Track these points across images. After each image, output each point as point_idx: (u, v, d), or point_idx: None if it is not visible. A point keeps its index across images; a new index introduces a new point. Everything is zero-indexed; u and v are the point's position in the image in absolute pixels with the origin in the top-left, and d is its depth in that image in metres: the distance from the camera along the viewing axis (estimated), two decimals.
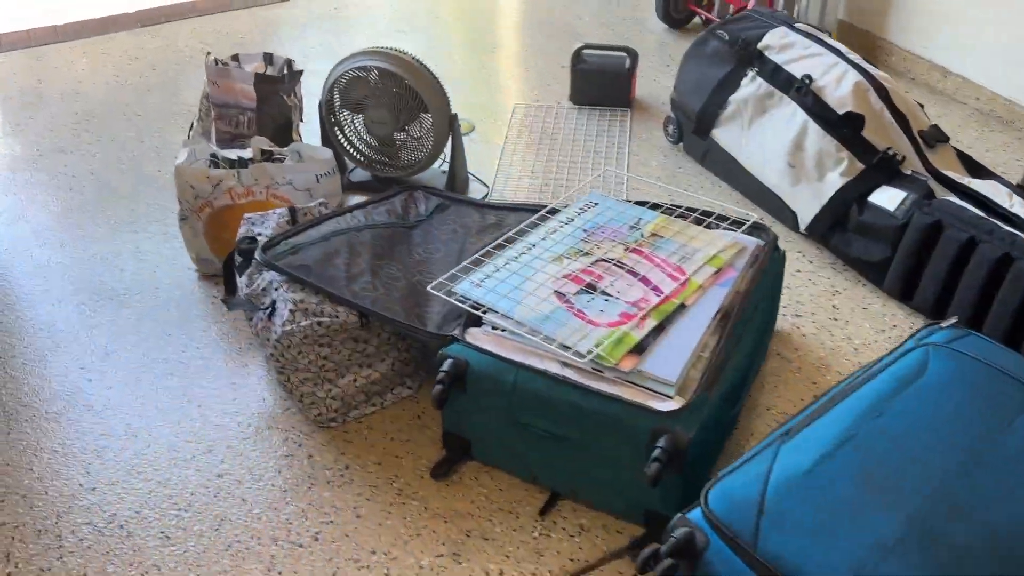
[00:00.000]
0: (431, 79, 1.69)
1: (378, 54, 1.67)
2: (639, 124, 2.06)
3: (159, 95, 2.20)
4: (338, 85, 1.71)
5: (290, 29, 2.54)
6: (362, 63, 1.67)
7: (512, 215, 1.54)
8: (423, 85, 1.67)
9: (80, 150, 1.98)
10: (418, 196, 1.61)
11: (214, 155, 1.59)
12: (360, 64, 1.67)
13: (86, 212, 1.77)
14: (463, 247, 1.43)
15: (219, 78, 1.71)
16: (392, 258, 1.38)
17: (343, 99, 1.73)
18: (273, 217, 1.38)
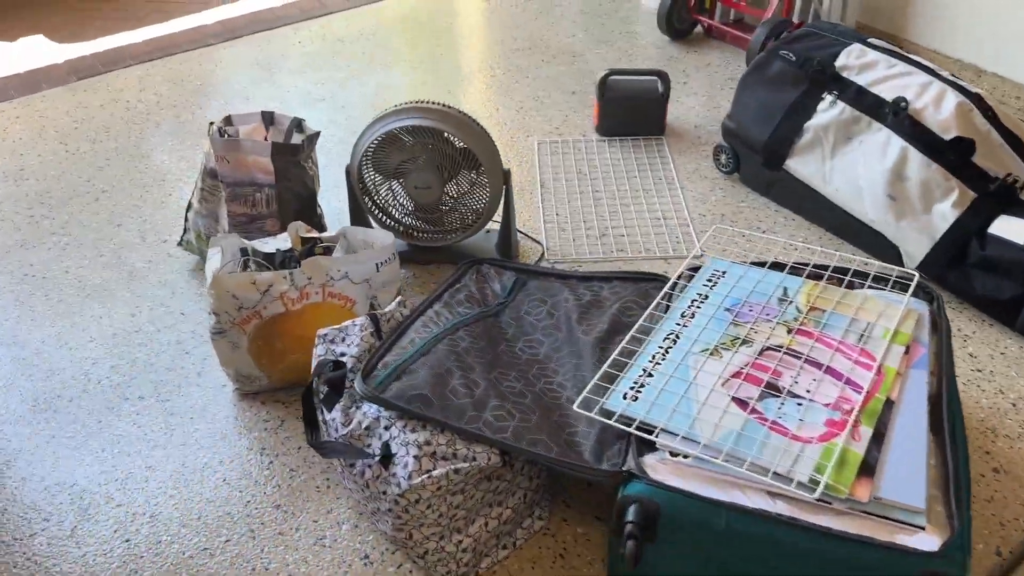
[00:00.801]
0: (479, 131, 1.46)
1: (414, 111, 1.43)
2: (678, 153, 1.88)
3: (122, 164, 1.89)
4: (370, 151, 1.46)
5: (253, 71, 2.25)
6: (397, 124, 1.43)
7: (607, 287, 1.33)
8: (472, 139, 1.44)
9: (45, 243, 1.66)
10: (487, 272, 1.38)
11: (244, 250, 1.32)
12: (395, 125, 1.43)
13: (74, 324, 1.47)
14: (571, 337, 1.21)
15: (228, 152, 1.44)
16: (503, 364, 1.15)
17: (377, 166, 1.48)
18: (354, 331, 1.13)
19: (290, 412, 1.30)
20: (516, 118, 2.02)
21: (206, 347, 1.42)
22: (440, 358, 1.10)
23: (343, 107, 2.09)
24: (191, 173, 1.85)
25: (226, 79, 2.21)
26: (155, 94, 2.15)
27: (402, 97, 2.12)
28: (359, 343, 1.12)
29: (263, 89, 2.17)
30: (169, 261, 1.61)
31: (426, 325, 1.17)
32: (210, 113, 2.06)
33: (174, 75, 2.24)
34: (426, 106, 1.44)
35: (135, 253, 1.63)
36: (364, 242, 1.35)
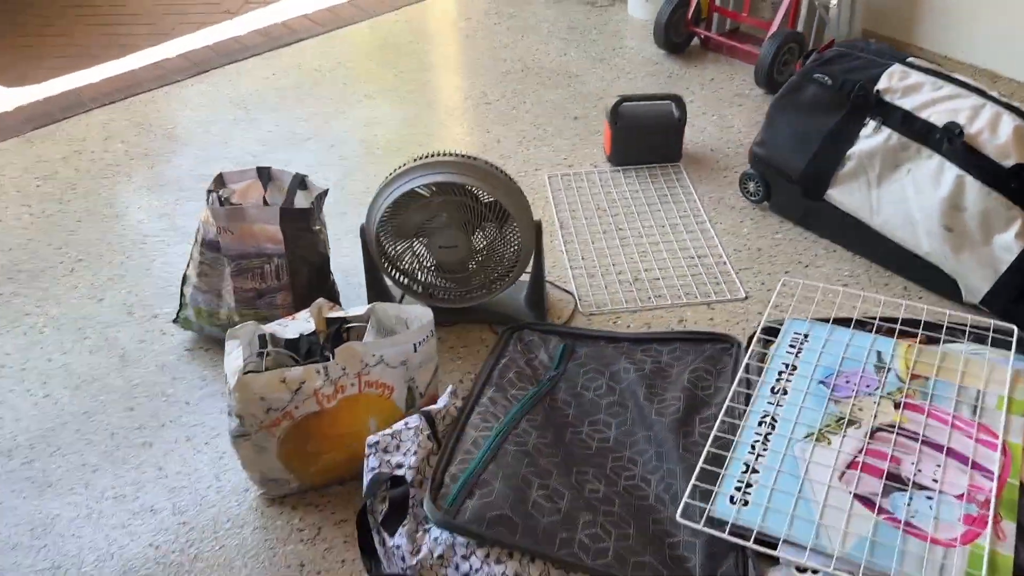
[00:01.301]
0: (506, 180, 1.33)
1: (435, 165, 1.30)
2: (699, 181, 1.77)
3: (95, 226, 1.71)
4: (388, 212, 1.31)
5: (227, 111, 2.08)
6: (418, 181, 1.29)
7: (666, 352, 1.22)
8: (500, 191, 1.31)
9: (20, 326, 1.48)
10: (530, 340, 1.26)
11: (263, 338, 1.17)
12: (417, 183, 1.29)
13: (64, 424, 1.30)
14: (642, 418, 1.09)
15: (231, 223, 1.28)
16: (576, 458, 1.03)
17: (397, 227, 1.34)
18: (408, 435, 1.00)
19: (325, 517, 1.16)
20: (520, 150, 1.89)
21: (219, 443, 1.27)
22: (512, 464, 0.97)
23: (332, 146, 1.93)
24: (173, 233, 1.69)
25: (199, 121, 2.04)
26: (122, 142, 1.97)
27: (394, 132, 1.98)
28: (416, 450, 0.98)
29: (241, 130, 2.00)
30: (163, 340, 1.45)
31: (484, 419, 1.04)
32: (185, 161, 1.89)
33: (140, 119, 2.05)
34: (446, 159, 1.30)
35: (124, 332, 1.46)
36: (397, 318, 1.21)
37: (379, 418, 1.15)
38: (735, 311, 1.45)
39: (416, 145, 1.92)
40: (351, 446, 1.15)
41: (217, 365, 1.39)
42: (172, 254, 1.63)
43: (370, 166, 1.86)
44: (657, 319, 1.44)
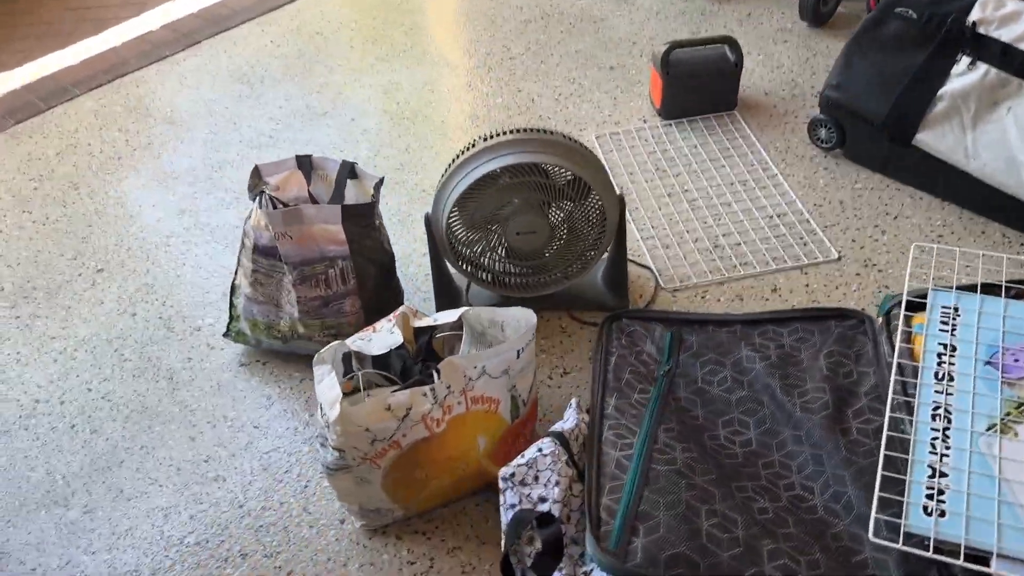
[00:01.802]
0: (584, 152, 1.19)
1: (504, 145, 1.16)
2: (760, 130, 1.65)
3: (108, 230, 1.56)
4: (458, 201, 1.18)
5: (229, 87, 1.90)
6: (489, 166, 1.15)
7: (786, 333, 1.11)
8: (580, 165, 1.18)
9: (47, 353, 1.34)
10: (632, 330, 1.14)
11: (347, 356, 1.05)
12: (487, 168, 1.15)
13: (123, 464, 1.18)
14: (784, 415, 0.99)
15: (290, 226, 1.14)
16: (728, 472, 0.93)
17: (469, 219, 1.21)
18: (544, 463, 0.89)
19: (435, 546, 1.06)
20: (559, 110, 1.75)
21: (301, 469, 1.15)
22: (669, 488, 0.86)
23: (353, 119, 1.78)
24: (198, 232, 1.53)
25: (199, 100, 1.86)
26: (119, 131, 1.79)
27: (418, 98, 1.82)
28: (558, 480, 0.87)
29: (248, 107, 1.83)
30: (213, 356, 1.31)
31: (619, 434, 0.93)
32: (194, 148, 1.73)
33: (134, 103, 1.87)
34: (515, 137, 1.16)
35: (166, 350, 1.33)
36: (491, 322, 1.09)
37: (487, 435, 1.04)
38: (831, 274, 1.35)
39: (445, 111, 1.77)
40: (459, 468, 1.04)
41: (280, 380, 1.27)
42: (201, 255, 1.49)
43: (399, 139, 1.71)
44: (748, 290, 1.33)
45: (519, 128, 1.18)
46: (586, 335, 1.29)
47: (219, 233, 1.53)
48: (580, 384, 1.22)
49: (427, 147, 1.68)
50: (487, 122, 1.73)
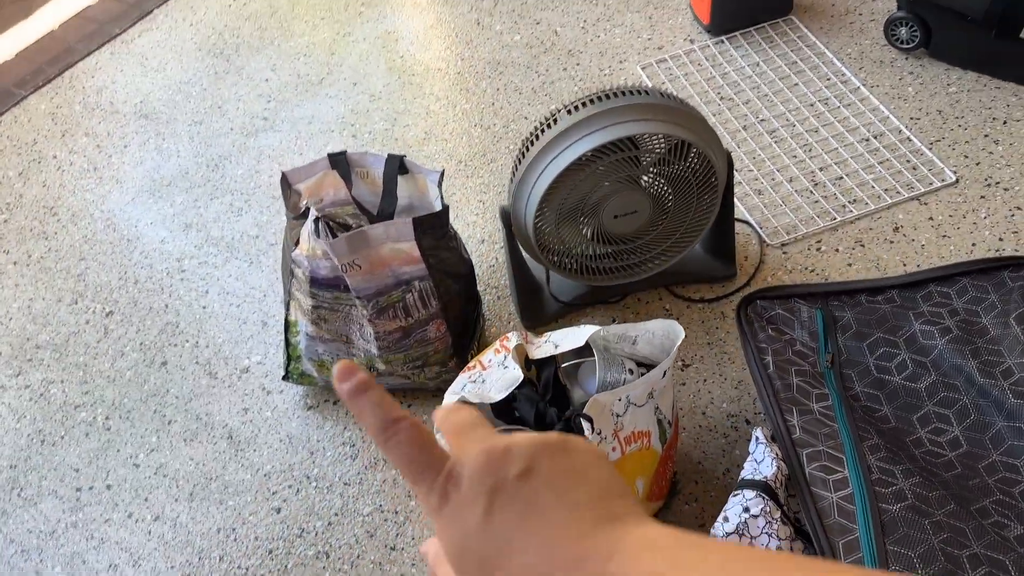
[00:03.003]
0: (687, 111, 1.00)
1: (592, 120, 0.96)
2: (826, 36, 1.45)
3: (108, 260, 1.34)
4: (546, 195, 0.98)
5: (200, 60, 1.64)
6: (583, 147, 0.95)
7: (954, 293, 0.96)
8: (686, 126, 0.98)
9: (80, 426, 1.14)
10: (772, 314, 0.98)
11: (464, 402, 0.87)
12: (582, 150, 0.96)
13: (222, 559, 1.00)
14: (992, 401, 0.85)
15: (357, 253, 0.94)
16: (951, 493, 0.78)
17: (560, 212, 1.01)
18: (757, 525, 0.73)
19: None
20: (589, 40, 1.53)
21: (414, 529, 0.99)
22: (913, 536, 0.72)
23: (355, 84, 1.54)
24: (212, 249, 1.32)
25: (170, 85, 1.61)
26: (87, 135, 1.54)
27: (424, 48, 1.58)
28: (778, 544, 0.72)
29: (230, 85, 1.58)
30: (271, 402, 1.13)
31: (824, 467, 0.78)
32: (180, 145, 1.49)
33: (95, 98, 1.61)
34: (598, 108, 0.96)
35: (216, 403, 1.14)
36: (621, 337, 0.91)
37: (644, 475, 0.89)
38: (953, 201, 1.19)
39: (458, 58, 1.54)
40: None
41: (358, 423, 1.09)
42: (225, 278, 1.28)
43: (416, 101, 1.48)
44: (866, 233, 1.17)
45: (590, 96, 0.98)
46: (695, 315, 1.13)
47: (238, 247, 1.32)
48: (707, 377, 1.06)
49: (450, 106, 1.46)
50: (510, 66, 1.51)
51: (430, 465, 0.33)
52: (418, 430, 0.34)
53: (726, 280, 1.16)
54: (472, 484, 0.32)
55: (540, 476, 0.32)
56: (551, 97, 1.44)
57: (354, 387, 0.35)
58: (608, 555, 0.30)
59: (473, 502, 0.32)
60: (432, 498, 0.33)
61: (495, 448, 0.33)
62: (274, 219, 1.35)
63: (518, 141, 1.38)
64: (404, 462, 0.33)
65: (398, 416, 0.34)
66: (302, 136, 1.46)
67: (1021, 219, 1.15)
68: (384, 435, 0.34)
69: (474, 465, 0.32)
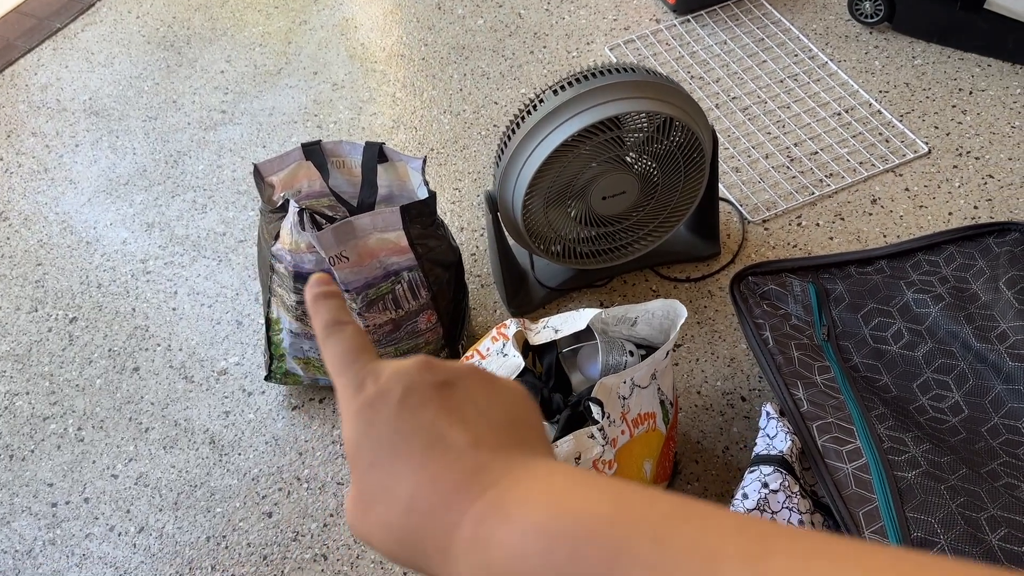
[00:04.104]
0: (670, 86, 0.99)
1: (582, 98, 0.94)
2: (791, 12, 1.46)
3: (64, 265, 1.27)
4: (533, 182, 0.96)
5: (150, 54, 1.58)
6: (571, 128, 0.94)
7: (942, 261, 0.97)
8: (672, 103, 0.97)
9: (50, 437, 1.09)
10: (765, 289, 0.98)
11: None
12: (570, 131, 0.94)
13: (215, 569, 0.96)
14: (990, 365, 0.86)
15: (343, 244, 0.91)
16: (961, 457, 0.79)
17: (548, 196, 0.99)
18: (779, 501, 0.73)
19: None
20: (555, 22, 1.51)
21: None
22: (932, 501, 0.72)
23: (316, 73, 1.50)
24: (178, 247, 1.27)
25: (120, 80, 1.54)
26: (34, 135, 1.47)
27: (385, 34, 1.55)
28: (800, 518, 0.72)
29: (183, 79, 1.52)
30: (253, 404, 1.09)
31: (836, 439, 0.78)
32: (136, 142, 1.43)
33: (40, 96, 1.53)
34: (579, 90, 0.94)
35: (195, 408, 1.09)
36: (621, 319, 0.90)
37: (651, 457, 0.88)
38: (927, 172, 1.20)
39: (421, 44, 1.51)
40: None
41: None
42: (194, 277, 1.23)
43: (382, 88, 1.45)
44: (845, 206, 1.18)
45: (576, 76, 0.96)
46: (682, 295, 1.12)
47: (205, 245, 1.27)
48: (699, 357, 1.06)
49: (417, 93, 1.43)
50: (475, 50, 1.48)
51: (358, 360, 0.33)
52: (360, 335, 0.34)
53: (711, 259, 1.16)
54: (391, 378, 0.31)
55: (462, 391, 0.32)
56: (520, 81, 1.42)
57: (321, 292, 0.35)
58: (498, 478, 0.28)
59: (387, 393, 0.31)
60: (350, 388, 0.32)
61: (426, 357, 0.33)
62: (241, 215, 1.30)
63: (490, 127, 1.36)
64: (336, 355, 0.33)
65: (347, 320, 0.34)
66: (264, 128, 1.42)
67: (993, 186, 1.17)
68: (328, 330, 0.34)
69: (400, 364, 0.32)
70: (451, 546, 0.28)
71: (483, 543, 0.27)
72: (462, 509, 0.28)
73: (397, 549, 0.30)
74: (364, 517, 0.30)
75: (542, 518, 0.26)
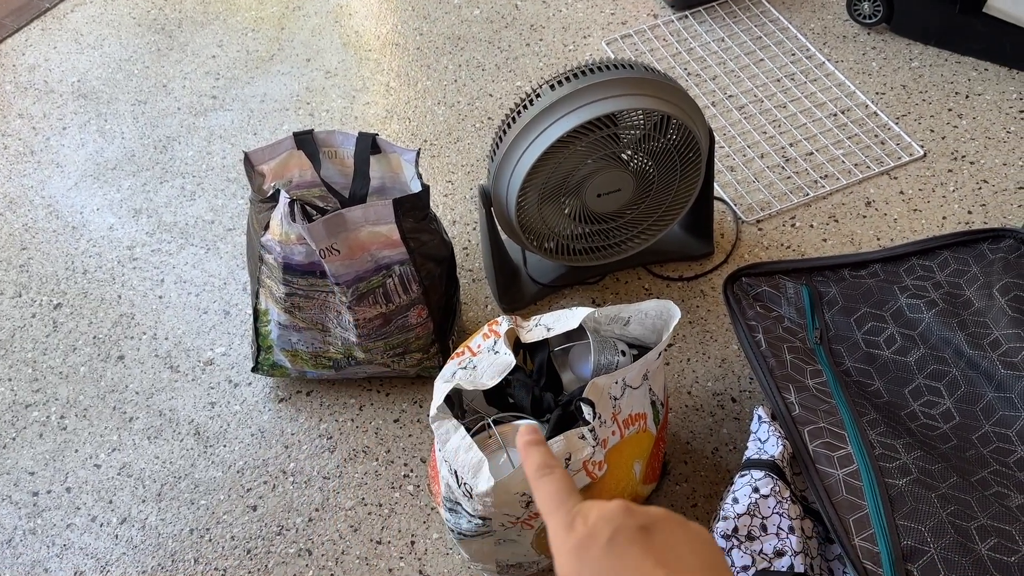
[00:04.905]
0: (669, 85, 0.98)
1: (578, 94, 0.93)
2: (788, 11, 1.45)
3: (49, 250, 1.26)
4: (530, 175, 0.95)
5: (136, 39, 1.56)
6: (568, 124, 0.93)
7: (936, 266, 0.97)
8: (668, 100, 0.96)
9: (33, 425, 1.07)
10: (758, 291, 0.98)
11: (451, 399, 0.85)
12: (566, 126, 0.93)
13: (197, 561, 0.95)
14: (982, 372, 0.86)
15: (334, 237, 0.90)
16: (952, 465, 0.79)
17: (543, 192, 0.98)
18: (768, 506, 0.72)
19: None
20: (551, 14, 1.50)
21: (400, 522, 0.96)
22: (922, 509, 0.72)
23: (309, 60, 1.48)
24: (165, 235, 1.25)
25: (111, 63, 1.52)
26: (21, 116, 1.44)
27: (380, 22, 1.53)
28: (790, 524, 0.71)
29: (174, 63, 1.50)
30: (240, 395, 1.08)
31: (827, 444, 0.78)
32: (124, 126, 1.41)
33: (27, 77, 1.51)
34: (593, 80, 0.93)
35: (180, 398, 1.08)
36: (613, 319, 0.90)
37: (641, 458, 0.87)
38: (922, 175, 1.20)
39: (416, 33, 1.50)
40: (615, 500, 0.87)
41: (335, 412, 1.05)
42: (181, 265, 1.22)
43: (375, 77, 1.43)
44: (839, 208, 1.18)
45: (573, 71, 0.95)
46: (675, 294, 1.12)
47: (193, 233, 1.25)
48: (690, 356, 1.05)
49: (411, 83, 1.42)
50: (471, 41, 1.47)
51: (567, 502, 0.38)
52: (568, 479, 0.40)
53: (704, 258, 1.15)
54: (599, 520, 0.37)
55: (660, 535, 0.36)
56: (515, 74, 1.41)
57: (532, 439, 0.42)
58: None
59: (596, 535, 0.36)
60: (561, 528, 0.37)
61: (626, 502, 0.37)
62: (230, 203, 1.29)
63: (484, 119, 1.35)
64: (546, 496, 0.39)
65: (556, 464, 0.41)
66: (255, 115, 1.40)
67: (988, 192, 1.17)
68: (540, 471, 0.40)
69: (604, 507, 0.37)
70: None
71: None
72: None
73: None
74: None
75: None
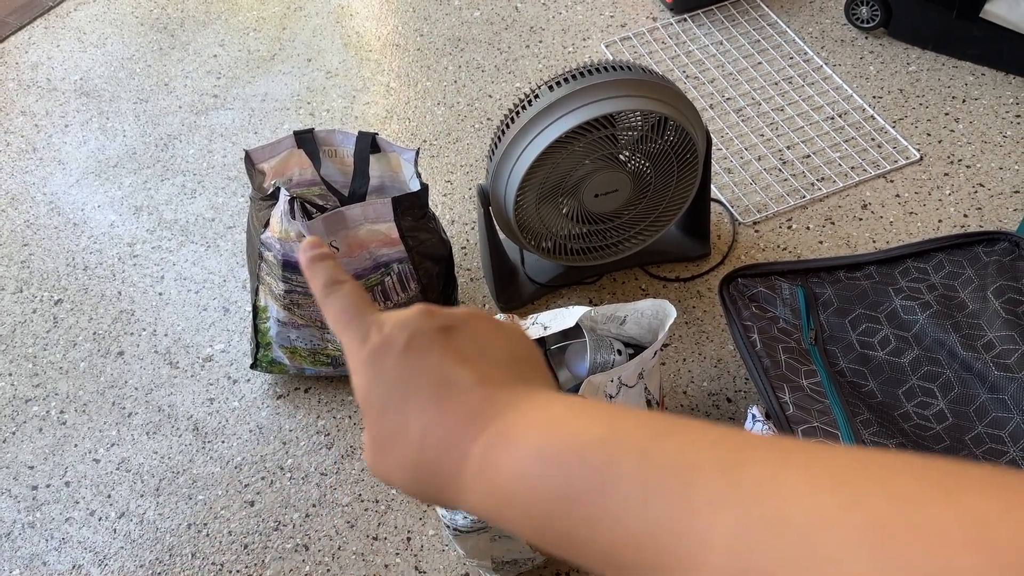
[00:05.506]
0: (667, 86, 0.99)
1: (577, 95, 0.94)
2: (787, 15, 1.46)
3: (51, 246, 1.26)
4: (526, 177, 0.96)
5: (138, 38, 1.57)
6: (566, 124, 0.93)
7: (931, 268, 0.98)
8: (667, 102, 0.97)
9: (32, 420, 1.08)
10: (754, 291, 0.98)
11: None
12: (565, 127, 0.94)
13: (195, 555, 0.96)
14: (975, 374, 0.86)
15: (334, 234, 0.91)
16: None
17: (541, 191, 0.99)
18: None
19: None
20: (551, 16, 1.51)
21: (396, 518, 0.96)
22: None
23: (309, 60, 1.49)
24: (166, 232, 1.26)
25: (114, 61, 1.53)
26: (24, 114, 1.45)
27: (380, 23, 1.54)
28: None
29: (176, 62, 1.51)
30: (238, 392, 1.08)
31: (817, 441, 0.78)
32: (126, 124, 1.42)
33: (30, 74, 1.52)
34: (592, 82, 0.94)
35: (179, 394, 1.09)
36: (610, 317, 0.90)
37: None
38: (918, 179, 1.21)
39: (416, 35, 1.50)
40: None
41: (333, 409, 1.06)
42: (182, 262, 1.22)
43: (376, 78, 1.44)
44: (836, 210, 1.18)
45: (572, 72, 0.96)
46: (671, 294, 1.13)
47: (193, 230, 1.26)
48: (685, 356, 1.06)
49: (411, 84, 1.42)
50: (471, 43, 1.48)
51: (360, 315, 0.34)
52: (359, 291, 0.35)
53: (700, 259, 1.16)
54: (395, 327, 0.33)
55: (464, 333, 0.33)
56: (515, 75, 1.42)
57: (316, 255, 0.36)
58: (502, 409, 0.30)
59: (392, 342, 0.32)
60: (355, 342, 0.33)
61: (426, 305, 0.34)
62: (230, 201, 1.29)
63: (483, 120, 1.35)
64: (338, 313, 0.34)
65: (345, 279, 0.36)
66: (256, 114, 1.41)
67: (984, 196, 1.18)
68: (327, 289, 0.35)
69: (401, 313, 0.34)
70: (462, 476, 0.30)
71: (489, 470, 0.29)
72: (471, 441, 0.30)
73: (414, 485, 0.32)
74: (381, 459, 0.32)
75: (540, 442, 0.28)
